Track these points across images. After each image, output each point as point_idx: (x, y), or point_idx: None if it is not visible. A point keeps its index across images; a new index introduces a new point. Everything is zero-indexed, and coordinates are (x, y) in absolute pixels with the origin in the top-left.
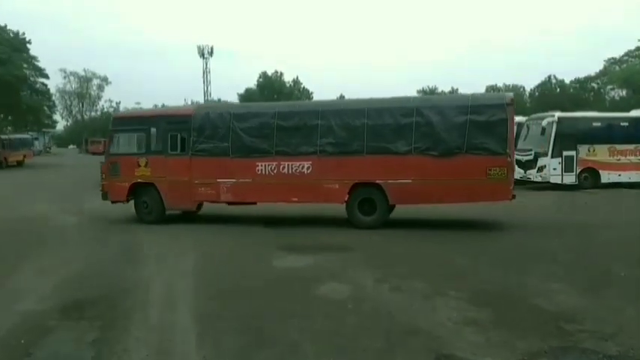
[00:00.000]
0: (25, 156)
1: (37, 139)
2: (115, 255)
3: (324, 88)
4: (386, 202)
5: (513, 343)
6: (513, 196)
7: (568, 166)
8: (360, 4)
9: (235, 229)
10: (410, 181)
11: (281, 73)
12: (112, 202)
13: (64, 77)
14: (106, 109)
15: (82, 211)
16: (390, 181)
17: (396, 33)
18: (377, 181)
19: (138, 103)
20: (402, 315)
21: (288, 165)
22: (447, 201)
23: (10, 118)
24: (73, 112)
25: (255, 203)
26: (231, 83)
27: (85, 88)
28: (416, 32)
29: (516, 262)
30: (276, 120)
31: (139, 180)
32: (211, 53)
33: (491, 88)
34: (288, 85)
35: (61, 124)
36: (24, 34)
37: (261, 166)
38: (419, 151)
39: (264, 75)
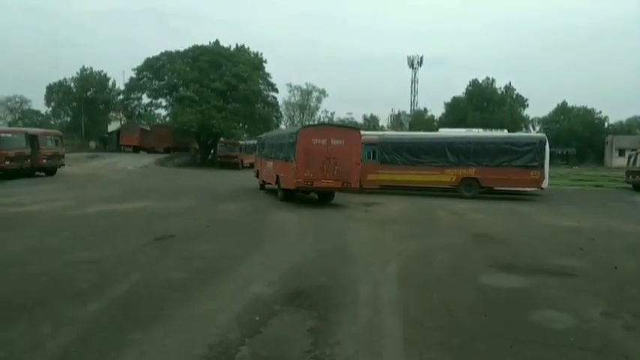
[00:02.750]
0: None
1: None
2: (329, 251)
3: (539, 93)
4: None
5: None
6: (300, 189)
7: None
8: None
9: (440, 240)
10: (283, 175)
11: (492, 80)
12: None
13: (289, 91)
14: (322, 119)
15: (302, 211)
16: (279, 175)
17: None
18: (278, 175)
19: (349, 114)
20: None
21: (271, 164)
22: (284, 186)
23: (246, 126)
24: (295, 122)
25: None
26: (440, 91)
27: (305, 100)
28: None
29: None
30: (268, 140)
31: (257, 169)
32: (421, 63)
33: None
34: (499, 92)
35: None
36: (262, 54)
37: (268, 163)
38: (282, 158)
39: (473, 83)
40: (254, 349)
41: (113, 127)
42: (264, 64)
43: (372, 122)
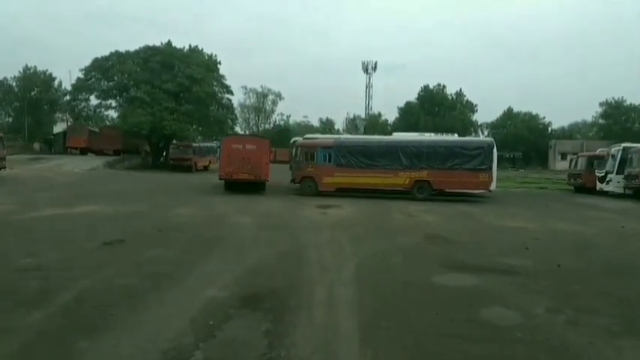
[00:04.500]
0: (210, 162)
1: (219, 147)
2: (285, 253)
3: (490, 100)
4: None
5: None
6: (225, 179)
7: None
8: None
9: (394, 241)
10: None
11: (443, 86)
12: None
13: (245, 93)
14: (277, 122)
15: (257, 214)
16: None
17: None
18: None
19: (305, 117)
20: (581, 352)
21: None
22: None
23: (200, 128)
24: (250, 124)
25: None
26: (393, 96)
27: (261, 102)
28: None
29: None
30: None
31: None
32: (375, 68)
33: None
34: (450, 97)
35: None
36: (216, 56)
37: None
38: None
39: (425, 88)
40: (209, 353)
41: (59, 128)
42: (218, 66)
43: (327, 125)
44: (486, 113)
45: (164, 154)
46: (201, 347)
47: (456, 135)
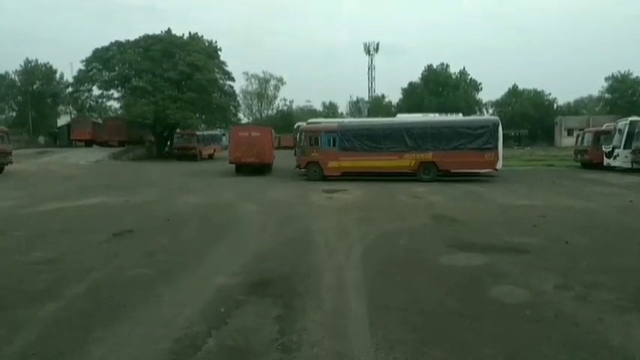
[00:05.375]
0: (215, 150)
1: (224, 134)
2: (292, 239)
3: (493, 77)
4: None
5: None
6: (234, 163)
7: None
8: None
9: (401, 223)
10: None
11: (447, 65)
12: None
13: (246, 79)
14: (280, 107)
15: (263, 200)
16: None
17: None
18: None
19: (308, 101)
20: (590, 327)
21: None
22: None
23: (203, 116)
24: (253, 111)
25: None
26: (396, 77)
27: (263, 88)
28: None
29: None
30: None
31: None
32: (377, 49)
33: None
34: (454, 76)
35: (243, 121)
36: (216, 42)
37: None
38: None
39: (429, 68)
40: (221, 340)
41: (63, 121)
42: (218, 53)
43: (330, 109)
44: (491, 91)
45: (168, 143)
46: (213, 334)
47: (460, 115)
